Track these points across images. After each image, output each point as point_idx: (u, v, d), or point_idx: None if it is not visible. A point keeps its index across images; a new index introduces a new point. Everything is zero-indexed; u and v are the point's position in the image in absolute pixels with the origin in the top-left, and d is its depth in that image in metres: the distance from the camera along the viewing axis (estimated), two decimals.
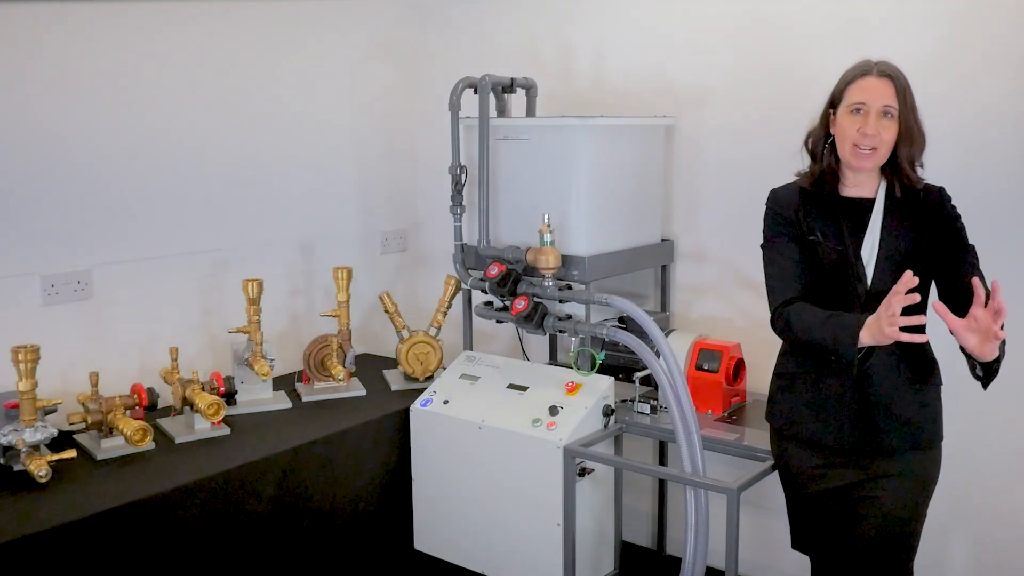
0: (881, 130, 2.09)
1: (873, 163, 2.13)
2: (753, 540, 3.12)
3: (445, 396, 2.99)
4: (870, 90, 2.10)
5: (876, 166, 2.15)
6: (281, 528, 2.67)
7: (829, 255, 2.18)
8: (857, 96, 2.12)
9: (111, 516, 2.26)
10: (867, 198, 2.19)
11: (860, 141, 2.10)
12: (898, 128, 2.10)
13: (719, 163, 3.16)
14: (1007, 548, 2.77)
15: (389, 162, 3.84)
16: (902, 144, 2.10)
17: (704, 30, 3.13)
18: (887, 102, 2.09)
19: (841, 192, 2.22)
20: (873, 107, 2.09)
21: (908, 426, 2.17)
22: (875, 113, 2.09)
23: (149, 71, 2.95)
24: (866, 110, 2.10)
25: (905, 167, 2.13)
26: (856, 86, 2.13)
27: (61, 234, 2.77)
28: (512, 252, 2.92)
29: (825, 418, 2.22)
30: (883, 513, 2.18)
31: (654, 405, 2.87)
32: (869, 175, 2.18)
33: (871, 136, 2.09)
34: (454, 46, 3.72)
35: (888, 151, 2.12)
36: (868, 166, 2.14)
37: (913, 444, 2.18)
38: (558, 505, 2.69)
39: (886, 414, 2.17)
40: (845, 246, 2.17)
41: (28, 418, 2.40)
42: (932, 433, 2.21)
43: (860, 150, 2.11)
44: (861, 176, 2.18)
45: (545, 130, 2.94)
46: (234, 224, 3.25)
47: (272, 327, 3.20)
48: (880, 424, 2.17)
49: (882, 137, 2.10)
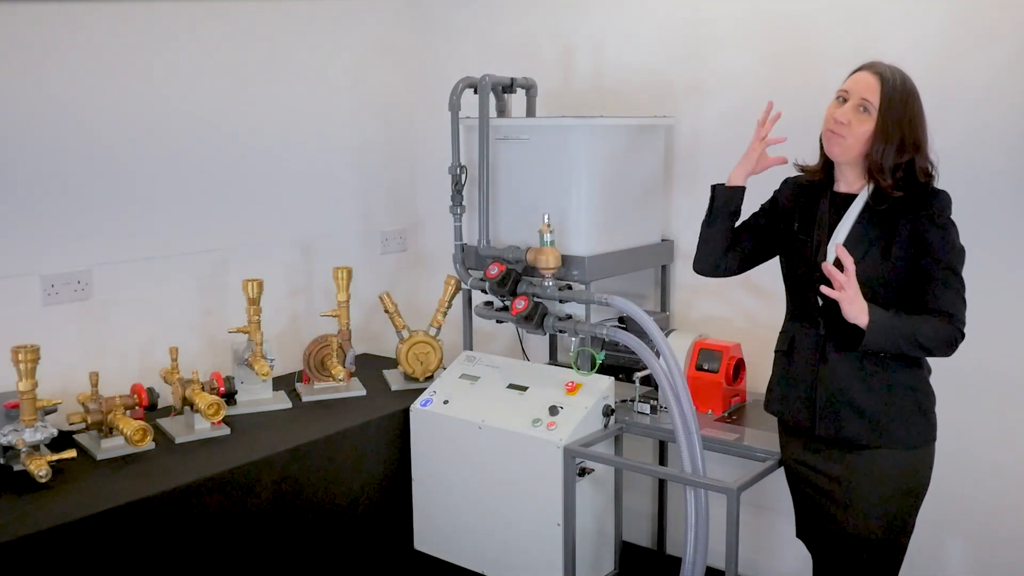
0: (853, 120, 2.12)
1: (840, 150, 2.15)
2: (753, 540, 3.12)
3: (445, 396, 2.99)
4: (856, 81, 2.15)
5: (844, 155, 2.16)
6: (281, 528, 2.67)
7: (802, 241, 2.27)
8: (845, 85, 2.18)
9: (111, 516, 2.26)
10: (853, 194, 2.22)
11: (831, 126, 2.16)
12: (874, 125, 2.11)
13: (719, 163, 3.15)
14: (1004, 548, 2.77)
15: (389, 162, 3.84)
16: (875, 142, 2.11)
17: (704, 30, 3.14)
18: (866, 96, 2.11)
19: (835, 187, 2.26)
20: (852, 98, 2.13)
21: (874, 424, 2.16)
22: (852, 104, 2.13)
23: (149, 71, 2.95)
24: (847, 99, 2.15)
25: (873, 166, 2.12)
26: (851, 77, 2.19)
27: (61, 234, 2.78)
28: (512, 252, 2.92)
29: (788, 399, 2.30)
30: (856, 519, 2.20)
31: (654, 405, 2.87)
32: (854, 172, 2.20)
33: (839, 123, 2.13)
34: (454, 46, 3.72)
35: (858, 145, 2.13)
36: (835, 151, 2.17)
37: (882, 443, 2.16)
38: (558, 505, 2.69)
39: (844, 402, 2.18)
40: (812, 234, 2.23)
41: (28, 418, 2.40)
42: (908, 435, 2.17)
43: (830, 136, 2.16)
44: (847, 172, 2.21)
45: (545, 130, 2.94)
46: (234, 224, 3.25)
47: (272, 327, 3.20)
48: (837, 412, 2.19)
49: (852, 127, 2.12)
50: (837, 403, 2.19)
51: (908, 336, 2.06)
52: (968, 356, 2.25)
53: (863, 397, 2.16)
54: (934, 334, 2.07)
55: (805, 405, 2.25)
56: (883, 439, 2.16)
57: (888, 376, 2.16)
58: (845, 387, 2.18)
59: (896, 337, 2.06)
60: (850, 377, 2.18)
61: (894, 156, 2.11)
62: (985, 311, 2.34)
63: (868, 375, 2.16)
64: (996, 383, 2.73)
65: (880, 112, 2.10)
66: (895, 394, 2.17)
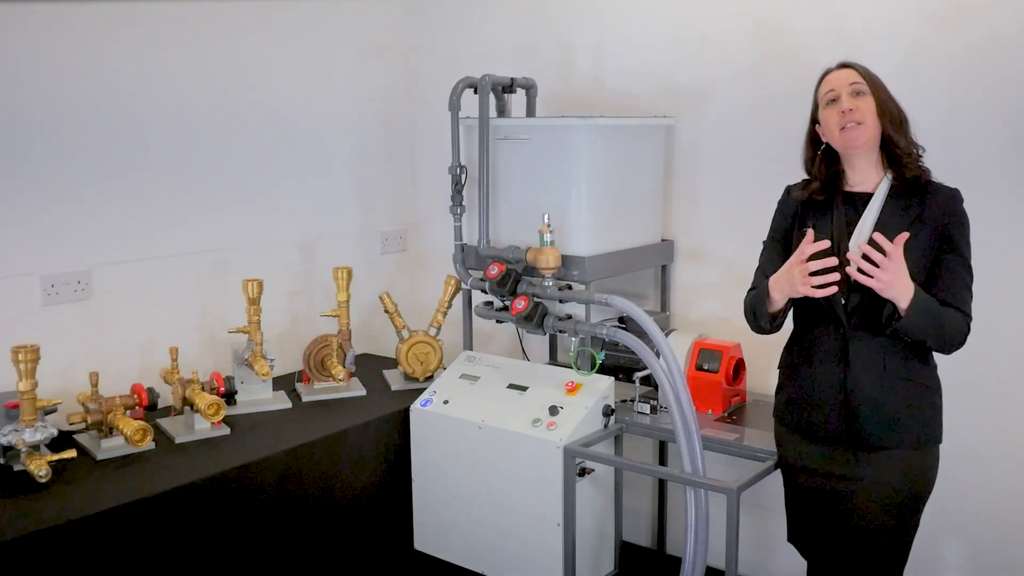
0: (858, 103, 2.15)
1: (864, 138, 2.16)
2: (753, 540, 3.12)
3: (445, 396, 2.99)
4: (835, 78, 2.21)
5: (868, 142, 2.17)
6: (281, 528, 2.67)
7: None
8: (825, 88, 2.22)
9: (111, 516, 2.26)
10: (869, 192, 2.21)
11: (843, 120, 2.16)
12: (875, 102, 2.15)
13: (719, 163, 3.16)
14: (1003, 550, 2.77)
15: (389, 162, 3.84)
16: (883, 119, 2.15)
17: (704, 30, 3.13)
18: (853, 80, 2.17)
19: (845, 188, 2.25)
20: (842, 89, 2.17)
21: (893, 424, 2.16)
22: (846, 93, 2.17)
23: (148, 71, 2.95)
24: (836, 94, 2.18)
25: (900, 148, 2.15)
26: (824, 82, 2.23)
27: (61, 234, 2.77)
28: (512, 252, 2.92)
29: (814, 408, 2.26)
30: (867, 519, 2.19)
31: (654, 405, 2.87)
32: (869, 168, 2.20)
33: (850, 111, 2.15)
34: (454, 46, 3.72)
35: (875, 125, 2.16)
36: (860, 142, 2.16)
37: (897, 442, 2.17)
38: (558, 505, 2.69)
39: (870, 408, 2.17)
40: (832, 236, 2.20)
41: (28, 418, 2.40)
42: (922, 434, 2.19)
43: (848, 130, 2.16)
44: (861, 170, 2.21)
45: (545, 130, 2.94)
46: (234, 224, 3.25)
47: (272, 327, 3.20)
48: (864, 417, 2.18)
49: (861, 110, 2.15)
50: (864, 405, 2.17)
51: (937, 321, 2.06)
52: (969, 356, 2.25)
53: (887, 397, 2.17)
54: (954, 326, 2.09)
55: (836, 413, 2.21)
56: (900, 439, 2.17)
57: (909, 374, 2.17)
58: (871, 389, 2.17)
59: (929, 321, 2.05)
60: (875, 378, 2.17)
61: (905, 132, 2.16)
62: (987, 311, 2.34)
63: (891, 375, 2.16)
64: (997, 383, 2.73)
65: (871, 89, 2.16)
66: (913, 392, 2.18)
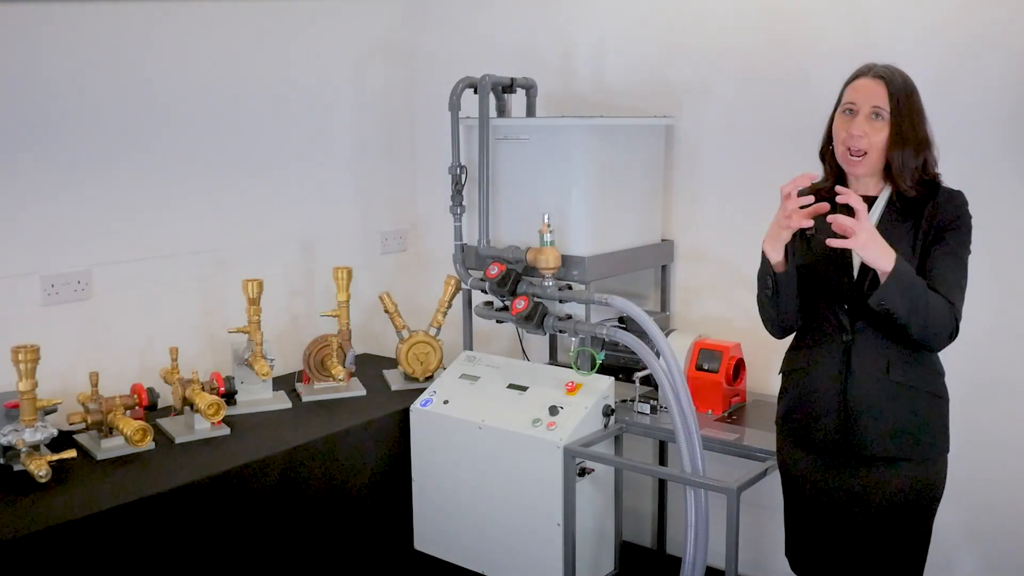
0: (869, 131, 2.06)
1: (864, 169, 2.10)
2: (753, 540, 3.12)
3: (445, 396, 2.99)
4: (862, 90, 2.09)
5: (868, 172, 2.12)
6: (281, 528, 2.67)
7: (820, 246, 2.16)
8: (849, 96, 2.11)
9: (111, 516, 2.26)
10: (872, 196, 2.17)
11: (848, 142, 2.09)
12: (889, 131, 2.06)
13: (719, 163, 3.16)
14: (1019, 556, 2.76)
15: (389, 162, 3.84)
16: (893, 148, 2.06)
17: (704, 30, 3.13)
18: (877, 103, 2.06)
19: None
20: (863, 108, 2.07)
21: (896, 433, 2.11)
22: (864, 114, 2.07)
23: (148, 72, 2.96)
24: (855, 110, 2.09)
25: (897, 173, 2.08)
26: (851, 87, 2.12)
27: (61, 234, 2.77)
28: (512, 252, 2.92)
29: (813, 415, 2.20)
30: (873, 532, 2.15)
31: (654, 405, 2.87)
32: (871, 179, 2.15)
33: (857, 136, 2.07)
34: (454, 46, 3.72)
35: (880, 156, 2.08)
36: (859, 172, 2.12)
37: (902, 454, 2.11)
38: (558, 505, 2.69)
39: (870, 416, 2.11)
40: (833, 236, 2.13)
41: (28, 418, 2.40)
42: (927, 445, 2.13)
43: (851, 156, 2.09)
44: (863, 179, 2.16)
45: (545, 130, 2.94)
46: (234, 224, 3.25)
47: (272, 327, 3.20)
48: (863, 426, 2.12)
49: (871, 139, 2.06)
50: (864, 413, 2.12)
51: (921, 299, 1.98)
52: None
53: (888, 405, 2.11)
54: (938, 312, 2.01)
55: (835, 421, 2.15)
56: (905, 450, 2.11)
57: (914, 381, 2.11)
58: (871, 396, 2.11)
59: (911, 296, 1.97)
60: (876, 385, 2.11)
61: (912, 159, 2.07)
62: (989, 317, 2.33)
63: (894, 382, 2.10)
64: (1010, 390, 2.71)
65: (892, 117, 2.05)
66: (919, 401, 2.11)
